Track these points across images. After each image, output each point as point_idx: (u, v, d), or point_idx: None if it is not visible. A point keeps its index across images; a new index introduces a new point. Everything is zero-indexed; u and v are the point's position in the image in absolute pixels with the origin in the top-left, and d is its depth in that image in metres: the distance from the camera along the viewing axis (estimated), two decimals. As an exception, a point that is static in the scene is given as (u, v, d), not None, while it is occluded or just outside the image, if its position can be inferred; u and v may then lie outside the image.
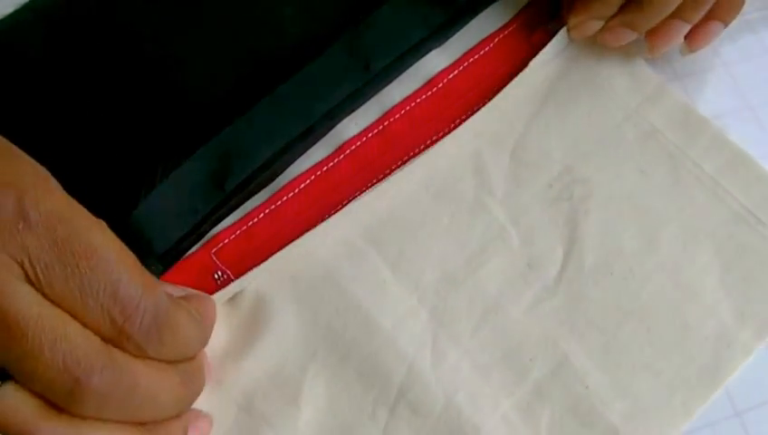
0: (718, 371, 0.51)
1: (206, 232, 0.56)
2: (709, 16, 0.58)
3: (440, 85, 0.60)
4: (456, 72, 0.60)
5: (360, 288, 0.53)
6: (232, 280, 0.53)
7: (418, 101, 0.59)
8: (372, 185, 0.56)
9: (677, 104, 0.59)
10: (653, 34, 0.58)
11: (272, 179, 0.57)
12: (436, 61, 0.61)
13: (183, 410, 0.45)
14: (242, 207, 0.56)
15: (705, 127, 0.58)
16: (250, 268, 0.53)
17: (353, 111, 0.58)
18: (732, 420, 0.51)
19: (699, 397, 0.50)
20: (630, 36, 0.58)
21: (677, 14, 0.57)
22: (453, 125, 0.58)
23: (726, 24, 0.58)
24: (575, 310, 0.53)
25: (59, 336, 0.39)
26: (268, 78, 0.58)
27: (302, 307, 0.53)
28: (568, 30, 0.59)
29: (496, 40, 0.61)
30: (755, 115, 0.60)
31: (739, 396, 0.52)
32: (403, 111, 0.59)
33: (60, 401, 0.39)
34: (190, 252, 0.55)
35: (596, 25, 0.59)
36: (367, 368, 0.51)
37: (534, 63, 0.59)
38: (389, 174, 0.56)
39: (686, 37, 0.59)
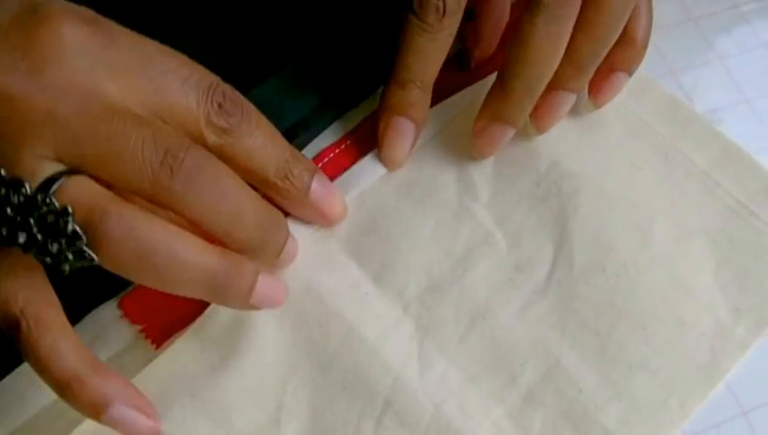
0: (715, 368, 0.52)
1: None
2: (611, 67, 0.57)
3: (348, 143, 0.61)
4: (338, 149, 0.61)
5: (341, 301, 0.54)
6: None
7: (337, 151, 0.60)
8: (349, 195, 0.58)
9: (665, 98, 0.60)
10: (535, 112, 0.57)
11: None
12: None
13: (259, 252, 0.50)
14: None
15: (695, 120, 0.59)
16: None
17: (333, 120, 0.60)
18: (738, 420, 0.52)
19: (697, 396, 0.51)
20: (507, 132, 0.57)
21: (557, 85, 0.55)
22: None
23: (631, 74, 0.58)
24: (566, 311, 0.53)
25: (145, 122, 0.45)
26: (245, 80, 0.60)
27: (281, 320, 0.54)
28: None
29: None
30: (752, 108, 0.62)
31: (745, 395, 0.53)
32: (320, 165, 0.59)
33: (143, 186, 0.44)
34: None
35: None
36: (351, 380, 0.52)
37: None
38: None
39: (590, 93, 0.58)
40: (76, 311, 0.54)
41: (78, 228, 0.42)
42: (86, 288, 0.50)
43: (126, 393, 0.47)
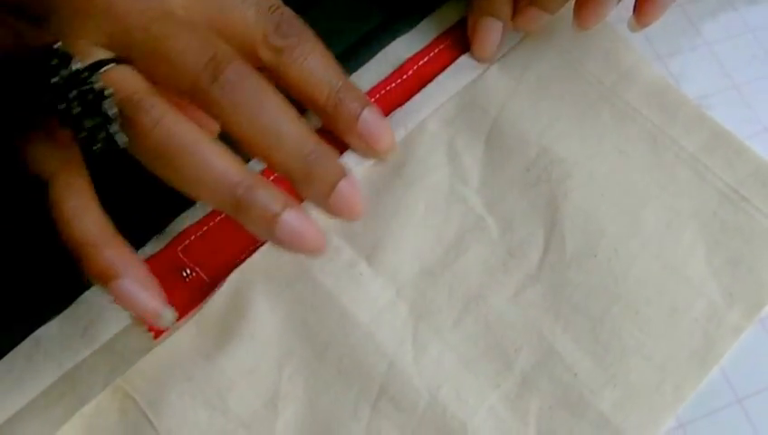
0: (709, 352, 0.53)
1: (169, 223, 0.58)
2: None
3: (410, 72, 0.63)
4: (426, 58, 0.63)
5: (335, 283, 0.55)
6: (202, 278, 0.56)
7: (389, 88, 0.62)
8: None
9: (654, 81, 0.61)
10: (580, 7, 0.60)
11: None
12: (405, 47, 0.64)
13: (304, 185, 0.50)
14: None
15: (684, 104, 0.60)
16: (219, 265, 0.56)
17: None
18: (733, 407, 0.53)
19: (691, 380, 0.53)
20: (541, 16, 0.61)
21: None
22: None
23: None
24: (559, 296, 0.55)
25: (199, 30, 0.48)
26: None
27: (276, 304, 0.55)
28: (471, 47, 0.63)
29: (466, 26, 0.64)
30: (741, 94, 0.63)
31: (739, 382, 0.53)
32: (373, 100, 0.61)
33: (183, 86, 0.47)
34: (156, 250, 0.57)
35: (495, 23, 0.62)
36: (346, 365, 0.53)
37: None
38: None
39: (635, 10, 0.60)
40: (67, 294, 0.55)
41: (113, 111, 0.45)
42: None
43: (136, 269, 0.49)
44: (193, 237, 0.58)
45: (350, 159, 0.58)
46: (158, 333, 0.54)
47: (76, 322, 0.55)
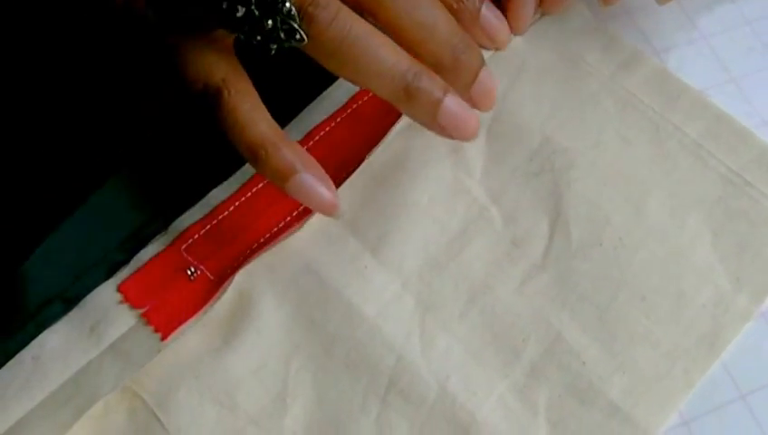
0: (718, 338, 0.53)
1: (172, 222, 0.59)
2: None
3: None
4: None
5: (340, 277, 0.56)
6: (207, 276, 0.56)
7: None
8: (345, 171, 0.59)
9: (653, 70, 0.62)
10: None
11: (237, 167, 0.60)
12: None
13: (452, 72, 0.53)
14: (209, 200, 0.59)
15: (684, 91, 0.61)
16: (224, 262, 0.57)
17: (318, 93, 0.63)
18: (737, 403, 0.53)
19: (700, 366, 0.53)
20: None
21: None
22: None
23: None
24: (565, 285, 0.55)
25: None
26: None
27: (281, 300, 0.55)
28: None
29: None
30: (739, 87, 0.63)
31: (743, 378, 0.53)
32: (371, 93, 0.61)
33: None
34: (159, 250, 0.57)
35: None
36: (354, 358, 0.54)
37: None
38: (362, 160, 0.59)
39: None
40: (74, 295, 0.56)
41: (293, 9, 0.48)
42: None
43: (312, 165, 0.53)
44: (196, 236, 0.58)
45: None
46: (165, 334, 0.55)
47: (82, 322, 0.55)
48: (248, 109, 0.51)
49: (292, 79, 0.59)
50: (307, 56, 0.50)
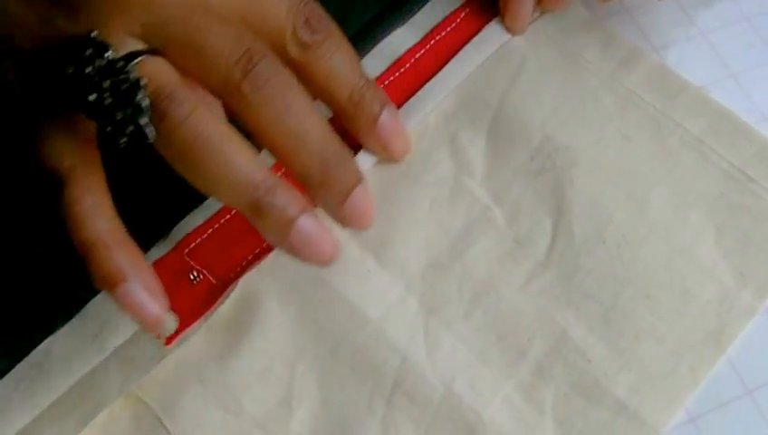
0: (723, 334, 0.54)
1: (174, 227, 0.59)
2: None
3: (407, 65, 0.63)
4: (423, 50, 0.64)
5: (343, 281, 0.56)
6: (210, 280, 0.57)
7: (387, 82, 0.63)
8: None
9: (653, 67, 0.62)
10: None
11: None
12: (402, 40, 0.65)
13: (320, 188, 0.50)
14: (211, 205, 0.59)
15: (684, 87, 0.61)
16: (227, 267, 0.57)
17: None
18: (743, 399, 0.53)
19: (706, 362, 0.53)
20: None
21: None
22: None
23: None
24: (570, 283, 0.55)
25: (233, 23, 0.49)
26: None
27: (286, 305, 0.56)
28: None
29: (462, 15, 0.65)
30: (738, 83, 0.63)
31: (749, 374, 0.53)
32: None
33: (214, 81, 0.48)
34: (161, 255, 0.58)
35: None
36: (359, 361, 0.54)
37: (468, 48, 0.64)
38: None
39: None
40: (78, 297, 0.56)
41: (146, 103, 0.45)
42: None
43: (143, 273, 0.49)
44: (199, 240, 0.58)
45: (363, 159, 0.59)
46: (169, 339, 0.55)
47: (85, 329, 0.55)
48: (89, 204, 0.49)
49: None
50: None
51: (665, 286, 0.55)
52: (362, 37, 0.64)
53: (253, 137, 0.49)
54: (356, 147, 0.59)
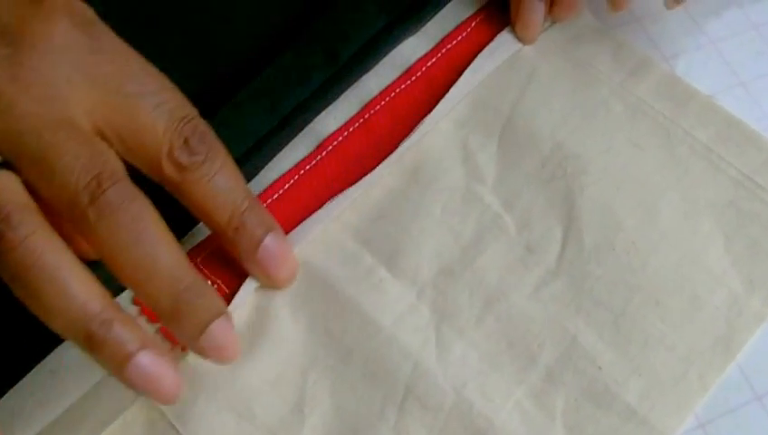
0: (732, 340, 0.54)
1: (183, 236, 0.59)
2: None
3: (419, 74, 0.64)
4: (434, 59, 0.64)
5: (355, 290, 0.56)
6: (224, 290, 0.57)
7: (398, 91, 0.63)
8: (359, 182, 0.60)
9: (663, 75, 0.63)
10: None
11: (250, 177, 0.60)
12: (413, 49, 0.65)
13: (172, 323, 0.49)
14: None
15: (694, 96, 0.62)
16: (240, 276, 0.56)
17: (329, 103, 0.62)
18: (752, 405, 0.54)
19: (715, 369, 0.53)
20: (580, 3, 0.64)
21: None
22: None
23: None
24: (580, 290, 0.56)
25: (90, 142, 0.47)
26: (235, 76, 0.63)
27: (298, 313, 0.56)
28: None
29: (473, 24, 0.66)
30: (747, 91, 0.64)
31: (758, 380, 0.54)
32: (383, 103, 0.62)
33: (62, 204, 0.46)
34: None
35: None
36: (371, 368, 0.54)
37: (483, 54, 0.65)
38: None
39: None
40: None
41: None
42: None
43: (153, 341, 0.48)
44: (210, 249, 0.58)
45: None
46: (184, 346, 0.55)
47: None
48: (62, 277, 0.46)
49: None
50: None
51: (674, 293, 0.55)
52: (374, 46, 0.64)
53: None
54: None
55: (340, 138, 0.62)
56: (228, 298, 0.56)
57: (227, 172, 0.52)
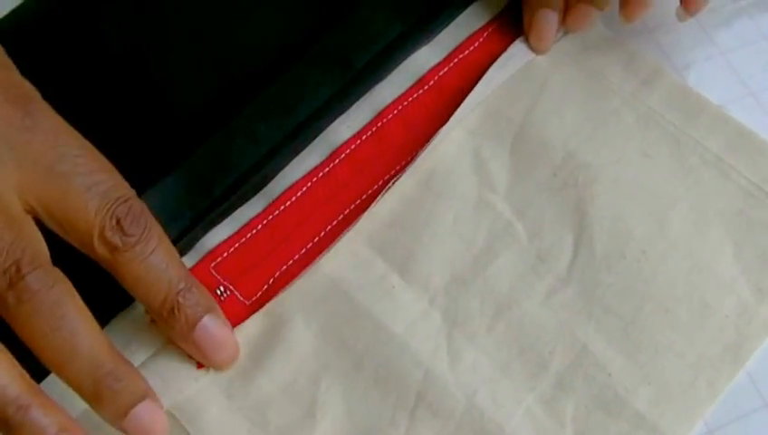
0: (741, 348, 0.55)
1: (199, 239, 0.59)
2: None
3: (431, 83, 0.64)
4: (446, 68, 0.65)
5: (368, 296, 0.57)
6: (237, 297, 0.57)
7: (410, 99, 0.64)
8: (371, 189, 0.61)
9: (674, 86, 0.64)
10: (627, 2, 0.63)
11: (263, 184, 0.61)
12: (426, 58, 0.65)
13: (94, 404, 0.48)
14: (238, 218, 0.60)
15: (705, 106, 0.62)
16: (255, 284, 0.57)
17: (342, 111, 0.63)
18: (761, 412, 0.54)
19: (724, 376, 0.54)
20: (591, 13, 0.64)
21: None
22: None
23: None
24: (590, 297, 0.56)
25: (14, 226, 0.47)
26: (250, 85, 0.63)
27: (310, 320, 0.56)
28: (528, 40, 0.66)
29: (486, 34, 0.66)
30: (757, 101, 0.64)
31: (767, 387, 0.54)
32: (396, 111, 0.63)
33: None
34: (188, 267, 0.57)
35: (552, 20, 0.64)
36: (382, 374, 0.55)
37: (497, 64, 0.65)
38: (388, 178, 0.61)
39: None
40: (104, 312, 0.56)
41: None
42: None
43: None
44: (225, 254, 0.58)
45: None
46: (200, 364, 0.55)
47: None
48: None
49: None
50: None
51: (684, 301, 0.56)
52: (388, 55, 0.65)
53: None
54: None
55: (353, 146, 0.62)
56: (243, 307, 0.57)
57: (162, 253, 0.51)
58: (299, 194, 0.60)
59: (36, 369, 0.48)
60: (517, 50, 0.66)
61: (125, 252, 0.50)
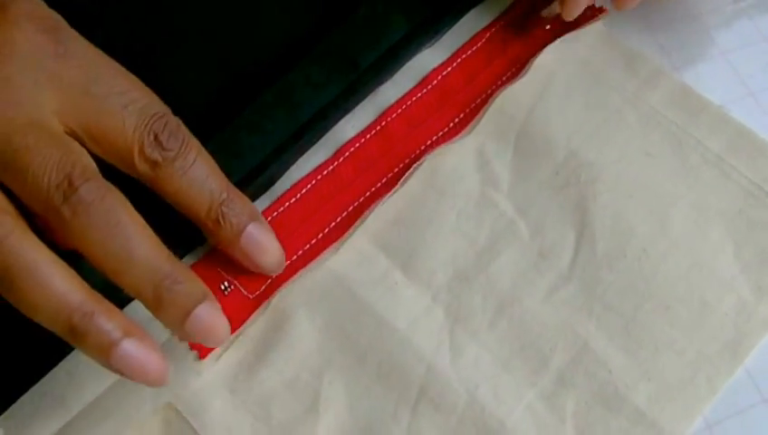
0: (740, 345, 0.55)
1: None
2: None
3: (434, 83, 0.65)
4: (449, 68, 0.66)
5: (371, 293, 0.58)
6: (241, 292, 0.58)
7: (414, 99, 0.64)
8: (374, 187, 0.61)
9: (675, 86, 0.64)
10: None
11: (270, 184, 0.61)
12: (429, 58, 0.66)
13: (155, 309, 0.49)
14: None
15: (706, 106, 0.63)
16: (259, 279, 0.58)
17: (347, 110, 0.64)
18: (759, 407, 0.55)
19: (723, 373, 0.54)
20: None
21: None
22: (452, 124, 0.63)
23: None
24: (591, 295, 0.57)
25: (61, 143, 0.48)
26: (255, 83, 0.64)
27: (314, 315, 0.57)
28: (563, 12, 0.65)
29: (488, 34, 0.67)
30: (757, 101, 0.64)
31: (765, 383, 0.55)
32: (399, 111, 0.64)
33: (36, 205, 0.47)
34: (194, 262, 0.59)
35: None
36: (385, 370, 0.55)
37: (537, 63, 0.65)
38: (392, 176, 0.61)
39: None
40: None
41: None
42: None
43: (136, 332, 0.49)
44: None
45: None
46: (204, 353, 0.56)
47: None
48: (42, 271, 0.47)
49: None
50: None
51: (684, 299, 0.57)
52: (393, 56, 0.65)
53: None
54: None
55: (358, 144, 0.63)
56: (248, 302, 0.58)
57: (202, 165, 0.53)
58: (303, 191, 0.61)
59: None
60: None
61: (165, 167, 0.51)
